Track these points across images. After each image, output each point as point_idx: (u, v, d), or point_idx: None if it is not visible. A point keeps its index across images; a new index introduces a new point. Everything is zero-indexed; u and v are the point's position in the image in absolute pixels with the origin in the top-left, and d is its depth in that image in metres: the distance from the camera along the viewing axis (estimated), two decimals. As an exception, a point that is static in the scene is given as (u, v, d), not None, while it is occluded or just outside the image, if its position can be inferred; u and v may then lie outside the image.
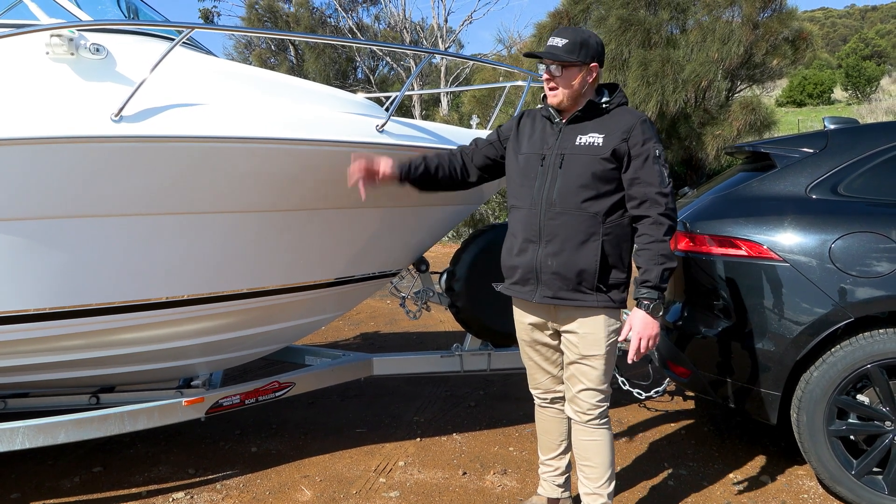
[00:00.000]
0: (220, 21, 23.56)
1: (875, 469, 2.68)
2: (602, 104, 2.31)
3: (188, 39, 2.67)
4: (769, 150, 3.09)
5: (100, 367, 2.96)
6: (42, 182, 2.39)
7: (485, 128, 4.32)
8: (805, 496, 2.87)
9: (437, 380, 4.47)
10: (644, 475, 3.08)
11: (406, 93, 3.16)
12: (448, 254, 8.03)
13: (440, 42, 20.81)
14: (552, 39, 2.28)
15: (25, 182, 2.38)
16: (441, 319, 6.35)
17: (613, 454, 2.43)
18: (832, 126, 3.07)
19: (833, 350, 2.69)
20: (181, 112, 2.54)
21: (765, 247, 2.79)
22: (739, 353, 2.86)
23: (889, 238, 2.64)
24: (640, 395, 3.76)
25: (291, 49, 21.95)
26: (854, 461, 2.68)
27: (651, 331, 2.22)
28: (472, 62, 13.14)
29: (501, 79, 13.43)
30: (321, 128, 2.76)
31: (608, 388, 2.38)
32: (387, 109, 3.17)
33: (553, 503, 2.63)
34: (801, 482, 3.00)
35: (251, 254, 2.90)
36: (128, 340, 2.85)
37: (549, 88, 2.31)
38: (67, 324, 2.63)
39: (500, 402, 4.08)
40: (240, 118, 2.62)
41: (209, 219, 2.72)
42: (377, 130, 2.89)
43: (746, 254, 2.83)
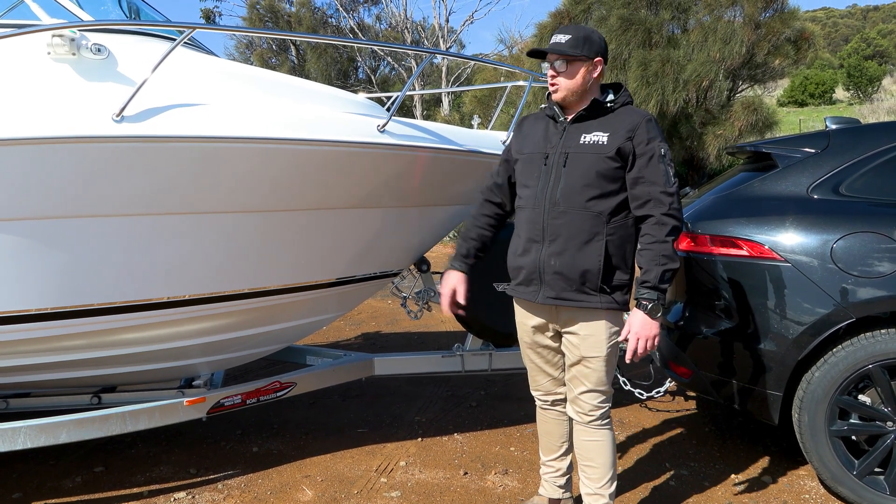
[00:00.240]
0: (222, 21, 23.58)
1: (877, 469, 2.67)
2: (607, 103, 2.30)
3: (189, 39, 2.68)
4: (771, 150, 3.08)
5: (101, 368, 2.96)
6: (44, 182, 2.39)
7: (486, 128, 4.32)
8: (806, 496, 2.87)
9: (439, 380, 4.47)
10: (645, 475, 3.08)
11: (407, 93, 3.16)
12: (449, 254, 8.01)
13: (441, 42, 20.81)
14: (555, 37, 2.27)
15: (27, 182, 2.38)
16: (442, 319, 6.34)
17: (615, 455, 2.42)
18: (834, 126, 3.07)
19: (835, 350, 2.69)
20: (182, 112, 2.55)
21: (766, 247, 2.79)
22: (741, 354, 2.86)
23: (891, 238, 2.64)
24: (642, 396, 3.76)
25: (293, 49, 21.97)
26: (856, 461, 2.68)
27: (649, 332, 2.20)
28: (474, 62, 13.13)
29: (503, 79, 13.42)
30: (322, 128, 2.76)
31: (610, 389, 2.38)
32: (388, 109, 3.17)
33: (554, 503, 2.63)
34: (803, 482, 2.99)
35: (252, 254, 2.90)
36: (129, 340, 2.86)
37: (553, 84, 2.30)
38: (69, 324, 2.64)
39: (502, 402, 4.08)
40: (241, 118, 2.63)
41: (210, 219, 2.72)
42: (378, 130, 2.89)
43: (748, 254, 2.83)
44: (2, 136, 2.28)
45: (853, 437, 2.72)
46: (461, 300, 2.48)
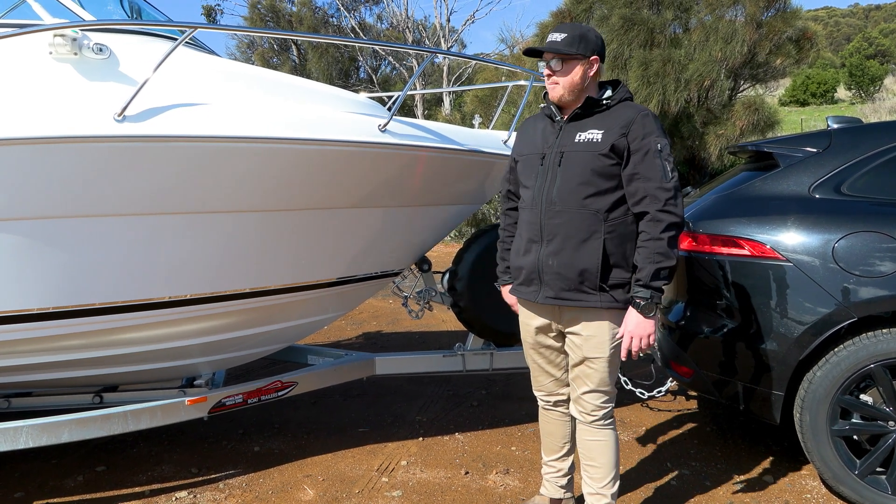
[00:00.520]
0: (223, 20, 23.63)
1: (878, 469, 2.67)
2: (602, 100, 2.28)
3: (191, 39, 2.68)
4: (772, 150, 3.08)
5: (102, 367, 2.96)
6: (45, 182, 2.40)
7: (487, 127, 4.32)
8: (808, 496, 2.87)
9: (440, 379, 4.48)
10: (647, 475, 3.08)
11: (408, 92, 3.16)
12: (450, 253, 8.02)
13: (442, 41, 20.81)
14: (551, 35, 2.26)
15: (29, 182, 2.38)
16: (443, 319, 6.35)
17: (618, 455, 2.42)
18: (835, 125, 3.07)
19: (836, 350, 2.69)
20: (184, 112, 2.55)
21: (768, 246, 2.79)
22: (742, 353, 2.86)
23: (892, 238, 2.64)
24: (643, 395, 3.76)
25: (294, 49, 21.97)
26: (857, 461, 2.68)
27: (643, 331, 2.18)
28: (475, 62, 13.13)
29: (504, 78, 13.41)
30: (324, 127, 2.76)
31: (613, 390, 2.37)
32: (389, 109, 3.17)
33: (555, 503, 2.63)
34: (804, 482, 2.99)
35: (254, 253, 2.90)
36: (130, 340, 2.86)
37: (550, 83, 2.29)
38: (70, 323, 2.64)
39: (503, 402, 4.08)
40: (242, 118, 2.63)
41: (212, 218, 2.72)
42: (379, 130, 2.89)
43: (749, 253, 2.83)
44: (3, 136, 2.28)
45: (855, 437, 2.71)
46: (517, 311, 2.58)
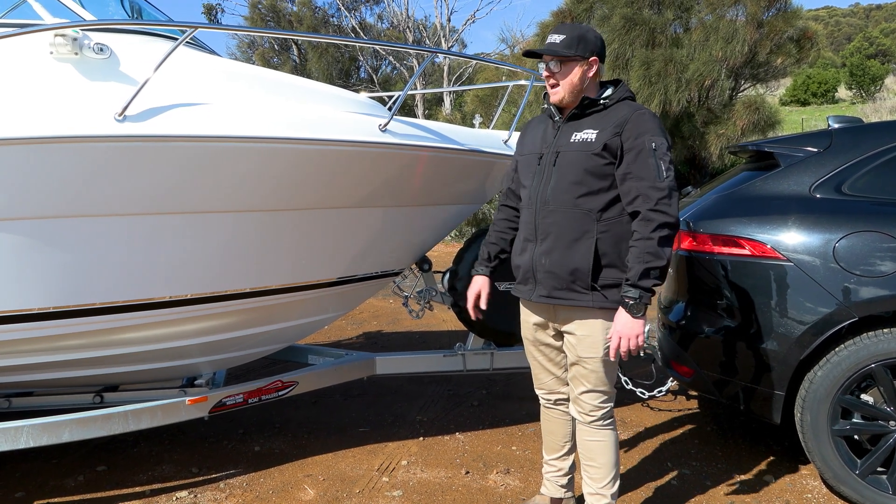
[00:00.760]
0: (223, 20, 23.67)
1: (879, 469, 2.67)
2: (600, 100, 2.27)
3: (191, 39, 2.68)
4: (773, 149, 3.08)
5: (102, 367, 2.96)
6: (46, 181, 2.40)
7: (487, 127, 4.32)
8: (809, 496, 2.87)
9: (440, 379, 4.48)
10: (647, 475, 3.08)
11: (409, 92, 3.16)
12: (451, 253, 8.02)
13: (443, 41, 20.81)
14: (550, 37, 2.26)
15: (29, 181, 2.38)
16: (444, 319, 6.35)
17: (618, 455, 2.42)
18: (836, 125, 3.06)
19: (837, 349, 2.69)
20: (185, 111, 2.55)
21: (768, 246, 2.79)
22: (743, 353, 2.86)
23: (893, 237, 2.63)
24: (644, 395, 3.76)
25: (294, 48, 21.98)
26: (858, 461, 2.68)
27: (631, 331, 2.15)
28: (475, 61, 13.14)
29: (504, 78, 13.42)
30: (324, 127, 2.76)
31: (612, 390, 2.37)
32: (389, 109, 3.17)
33: (556, 503, 2.63)
34: (805, 482, 2.99)
35: (254, 253, 2.90)
36: (130, 340, 2.86)
37: (551, 86, 2.29)
38: (71, 323, 2.64)
39: (503, 402, 4.08)
40: (243, 118, 2.63)
41: (212, 218, 2.72)
42: (380, 130, 2.89)
43: (750, 253, 2.83)
44: (3, 136, 2.28)
45: (856, 437, 2.71)
46: (483, 305, 2.54)
